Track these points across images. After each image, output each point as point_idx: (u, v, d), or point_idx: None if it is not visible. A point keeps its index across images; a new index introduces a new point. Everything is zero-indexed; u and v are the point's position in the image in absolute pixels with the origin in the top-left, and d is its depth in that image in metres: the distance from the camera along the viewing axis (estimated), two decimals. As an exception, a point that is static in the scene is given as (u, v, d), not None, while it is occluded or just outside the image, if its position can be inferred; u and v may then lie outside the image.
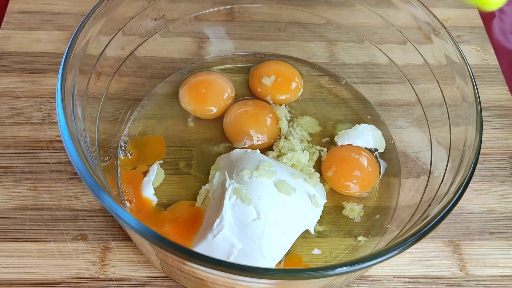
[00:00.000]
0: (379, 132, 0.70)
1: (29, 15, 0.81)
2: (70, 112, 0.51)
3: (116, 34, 0.63)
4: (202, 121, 0.71)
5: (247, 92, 0.75)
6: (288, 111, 0.72)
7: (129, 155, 0.66)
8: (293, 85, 0.74)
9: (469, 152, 0.53)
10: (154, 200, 0.63)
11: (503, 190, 0.69)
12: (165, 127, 0.70)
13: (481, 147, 0.53)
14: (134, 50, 0.68)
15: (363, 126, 0.69)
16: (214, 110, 0.71)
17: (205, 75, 0.74)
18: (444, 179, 0.55)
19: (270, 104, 0.72)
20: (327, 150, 0.68)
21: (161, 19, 0.70)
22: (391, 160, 0.69)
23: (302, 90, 0.75)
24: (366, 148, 0.68)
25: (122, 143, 0.67)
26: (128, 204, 0.62)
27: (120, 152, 0.66)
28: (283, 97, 0.73)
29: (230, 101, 0.72)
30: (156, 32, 0.71)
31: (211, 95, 0.71)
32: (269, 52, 0.79)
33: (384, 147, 0.69)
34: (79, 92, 0.55)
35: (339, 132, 0.69)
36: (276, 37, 0.80)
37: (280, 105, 0.71)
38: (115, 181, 0.64)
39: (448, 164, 0.56)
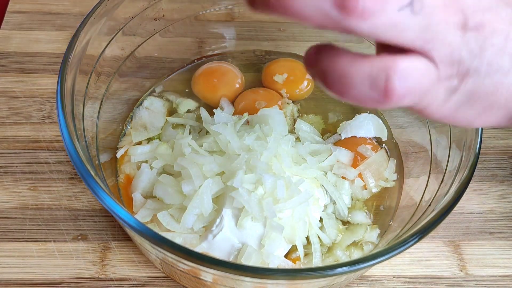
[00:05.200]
0: (380, 121, 0.70)
1: (29, 15, 0.81)
2: (70, 112, 0.51)
3: (116, 34, 0.63)
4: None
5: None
6: (298, 110, 0.72)
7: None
8: (305, 83, 0.75)
9: (469, 152, 0.53)
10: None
11: (503, 190, 0.69)
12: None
13: (481, 147, 0.53)
14: (134, 50, 0.68)
15: (364, 115, 0.70)
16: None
17: (218, 64, 0.76)
18: (444, 179, 0.55)
19: (284, 97, 0.73)
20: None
21: (161, 19, 0.70)
22: (393, 159, 0.69)
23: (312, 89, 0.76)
24: (369, 137, 0.69)
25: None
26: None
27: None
28: (294, 94, 0.74)
29: (241, 90, 0.74)
30: (156, 32, 0.71)
31: (222, 83, 0.73)
32: (270, 50, 0.79)
33: (386, 135, 0.70)
34: (79, 92, 0.55)
35: (340, 124, 0.70)
36: (276, 37, 0.80)
37: (288, 104, 0.72)
38: (114, 180, 0.64)
39: (448, 164, 0.56)
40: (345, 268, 0.44)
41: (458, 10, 0.31)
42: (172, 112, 0.71)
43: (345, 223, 0.63)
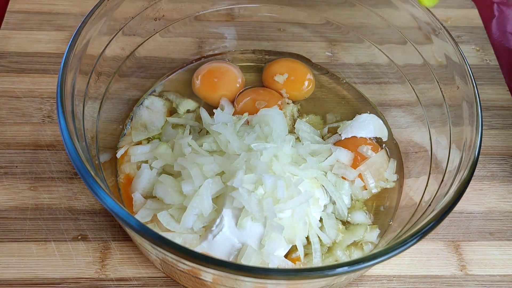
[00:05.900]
0: (380, 121, 0.70)
1: (29, 15, 0.81)
2: (70, 112, 0.51)
3: (116, 34, 0.63)
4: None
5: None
6: (298, 110, 0.73)
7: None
8: (305, 83, 0.75)
9: (469, 152, 0.53)
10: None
11: (503, 190, 0.69)
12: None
13: (481, 147, 0.53)
14: (134, 50, 0.68)
15: (364, 116, 0.70)
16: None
17: (218, 64, 0.76)
18: (444, 179, 0.55)
19: (284, 96, 0.73)
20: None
21: (161, 19, 0.70)
22: (393, 160, 0.69)
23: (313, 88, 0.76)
24: (370, 137, 0.68)
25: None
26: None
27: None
28: (294, 94, 0.74)
29: (241, 89, 0.74)
30: (156, 32, 0.71)
31: (222, 83, 0.73)
32: (270, 50, 0.79)
33: (387, 136, 0.70)
34: (79, 92, 0.55)
35: (341, 124, 0.70)
36: (276, 37, 0.80)
37: (288, 103, 0.72)
38: (114, 180, 0.64)
39: (448, 164, 0.56)
40: (345, 268, 0.44)
41: None
42: (172, 112, 0.71)
43: (345, 223, 0.63)
